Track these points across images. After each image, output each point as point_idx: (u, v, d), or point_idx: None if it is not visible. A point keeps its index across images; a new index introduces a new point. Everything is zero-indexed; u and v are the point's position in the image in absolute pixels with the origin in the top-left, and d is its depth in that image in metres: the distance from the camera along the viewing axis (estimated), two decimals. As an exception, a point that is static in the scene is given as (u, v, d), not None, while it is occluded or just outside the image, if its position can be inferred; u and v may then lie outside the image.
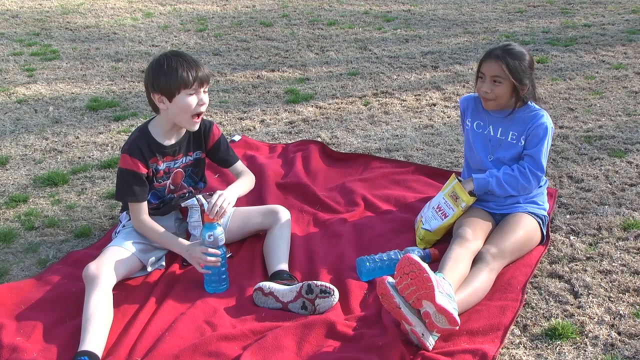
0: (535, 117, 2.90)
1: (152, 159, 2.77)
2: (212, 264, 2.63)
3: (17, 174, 3.84)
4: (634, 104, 4.77)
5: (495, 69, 2.83)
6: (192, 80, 2.66)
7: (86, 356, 2.23)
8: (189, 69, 2.65)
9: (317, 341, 2.38)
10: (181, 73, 2.64)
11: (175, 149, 2.83)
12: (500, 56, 2.83)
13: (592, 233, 3.11)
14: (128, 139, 2.82)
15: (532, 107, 2.94)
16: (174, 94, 2.66)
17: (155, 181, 2.81)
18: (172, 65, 2.64)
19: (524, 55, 2.87)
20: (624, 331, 2.45)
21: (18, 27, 7.33)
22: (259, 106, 4.93)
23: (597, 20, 7.46)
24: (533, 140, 2.89)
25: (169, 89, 2.65)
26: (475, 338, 2.39)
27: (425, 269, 2.29)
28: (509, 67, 2.81)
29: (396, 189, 3.55)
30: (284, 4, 8.66)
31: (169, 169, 2.84)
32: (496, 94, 2.86)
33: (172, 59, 2.67)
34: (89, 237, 3.17)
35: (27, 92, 5.24)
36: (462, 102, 3.15)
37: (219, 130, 2.96)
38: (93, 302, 2.40)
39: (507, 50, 2.86)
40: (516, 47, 2.89)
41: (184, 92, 2.66)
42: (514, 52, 2.85)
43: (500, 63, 2.82)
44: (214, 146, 2.94)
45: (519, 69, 2.82)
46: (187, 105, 2.68)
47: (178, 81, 2.64)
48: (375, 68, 5.81)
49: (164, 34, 7.09)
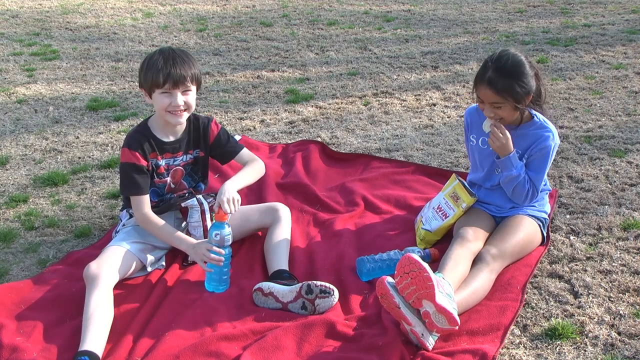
0: (539, 137, 2.78)
1: (152, 154, 2.78)
2: (215, 262, 2.62)
3: (17, 174, 3.84)
4: (634, 104, 4.77)
5: (490, 96, 2.70)
6: (162, 81, 2.66)
7: (86, 356, 2.23)
8: (164, 69, 2.64)
9: (317, 341, 2.38)
10: (156, 72, 2.65)
11: (175, 146, 2.84)
12: (493, 81, 2.65)
13: (592, 233, 3.11)
14: (127, 134, 2.83)
15: (537, 122, 2.81)
16: (151, 92, 2.71)
17: (155, 177, 2.81)
18: (153, 63, 2.67)
19: (519, 65, 2.68)
20: (624, 331, 2.45)
21: (18, 27, 7.33)
22: (259, 106, 4.93)
23: (597, 20, 7.46)
24: (535, 161, 2.81)
25: (146, 86, 2.72)
26: (475, 338, 2.39)
27: (425, 268, 2.29)
28: (504, 91, 2.66)
29: (396, 189, 3.55)
30: (284, 4, 8.66)
31: (168, 165, 2.85)
32: (500, 115, 2.75)
33: (158, 56, 2.69)
34: (89, 237, 3.17)
35: (27, 92, 5.24)
36: (466, 115, 3.03)
37: (218, 125, 2.96)
38: (94, 302, 2.40)
39: (499, 69, 2.66)
40: (510, 58, 2.68)
41: (157, 91, 2.69)
42: (507, 69, 2.67)
43: (493, 90, 2.67)
44: (215, 141, 2.94)
45: (517, 86, 2.66)
46: (162, 105, 2.70)
47: (151, 81, 2.67)
48: (375, 68, 5.81)
49: (164, 34, 7.09)
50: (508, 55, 2.71)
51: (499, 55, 2.72)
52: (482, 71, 2.73)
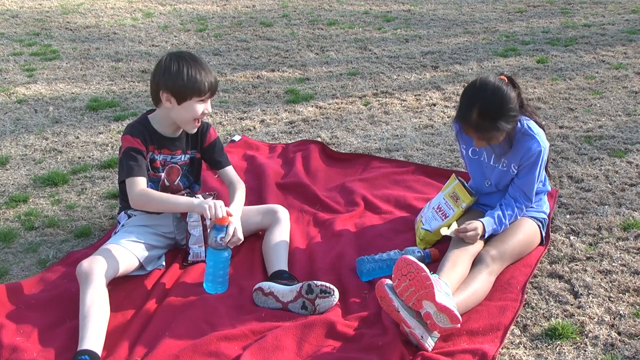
0: (526, 146, 2.73)
1: (150, 147, 2.80)
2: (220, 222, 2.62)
3: (17, 174, 3.84)
4: (634, 104, 4.77)
5: (478, 137, 2.68)
6: (206, 90, 2.70)
7: (87, 355, 2.22)
8: (206, 79, 2.70)
9: (317, 341, 2.38)
10: (199, 82, 2.68)
11: (174, 144, 2.86)
12: (479, 126, 2.60)
13: (592, 233, 3.11)
14: (128, 124, 2.85)
15: (523, 129, 2.74)
16: (185, 99, 2.70)
17: (150, 169, 2.82)
18: (191, 73, 2.67)
19: (503, 103, 2.58)
20: (624, 331, 2.45)
21: (18, 27, 7.33)
22: (259, 106, 4.93)
23: (597, 20, 7.46)
24: (524, 169, 2.79)
25: (182, 94, 2.69)
26: (475, 338, 2.39)
27: (423, 268, 2.29)
28: (493, 130, 2.60)
29: (396, 189, 3.55)
30: (284, 4, 8.66)
31: (165, 161, 2.86)
32: (491, 143, 2.71)
33: (191, 64, 2.69)
34: (89, 237, 3.17)
35: (27, 92, 5.24)
36: (455, 124, 2.92)
37: (216, 133, 3.01)
38: (88, 300, 2.39)
39: (483, 113, 2.57)
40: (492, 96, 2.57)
41: (194, 99, 2.70)
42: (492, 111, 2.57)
43: (480, 134, 2.64)
44: (209, 146, 2.97)
45: (503, 123, 2.59)
46: (194, 112, 2.73)
47: (193, 89, 2.68)
48: (375, 68, 5.81)
49: (164, 34, 7.09)
50: (487, 91, 2.59)
51: (479, 94, 2.61)
52: (465, 111, 2.63)
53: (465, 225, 2.72)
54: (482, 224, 2.74)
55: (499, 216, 2.79)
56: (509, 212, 2.81)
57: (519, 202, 2.83)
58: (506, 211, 2.80)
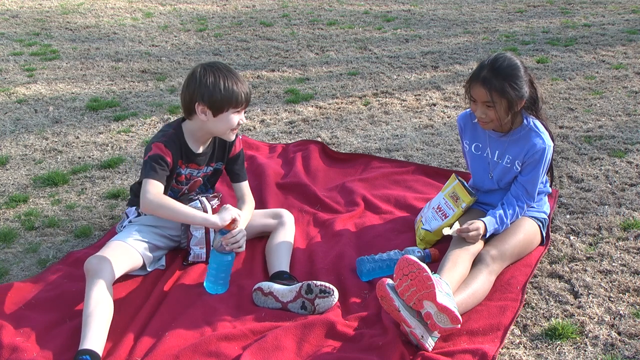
0: (531, 142, 2.76)
1: (179, 161, 2.78)
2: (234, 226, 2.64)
3: (17, 174, 3.84)
4: (634, 104, 4.77)
5: (483, 94, 2.67)
6: (243, 101, 2.71)
7: (88, 355, 2.22)
8: (242, 89, 2.69)
9: (317, 341, 2.38)
10: (236, 94, 2.67)
11: (202, 159, 2.85)
12: (487, 80, 2.65)
13: (592, 233, 3.11)
14: (161, 132, 2.78)
15: (529, 126, 2.79)
16: (222, 111, 2.69)
17: (173, 181, 2.82)
18: (228, 85, 2.66)
19: (514, 68, 2.68)
20: (624, 331, 2.45)
21: (18, 27, 7.33)
22: (259, 106, 4.93)
23: (597, 20, 7.47)
24: (527, 167, 2.80)
25: (219, 106, 2.68)
26: (475, 338, 2.39)
27: (424, 268, 2.29)
28: (498, 91, 2.64)
29: (396, 189, 3.55)
30: (284, 4, 8.66)
31: (191, 175, 2.86)
32: (491, 117, 2.73)
33: (227, 76, 2.68)
34: (89, 237, 3.17)
35: (27, 92, 5.24)
36: (459, 120, 3.03)
37: (241, 145, 2.99)
38: (94, 299, 2.39)
39: (494, 69, 2.66)
40: (506, 60, 2.69)
41: (231, 111, 2.70)
42: (503, 70, 2.66)
43: (486, 89, 2.65)
44: (233, 157, 2.96)
45: (510, 87, 2.65)
46: (230, 123, 2.73)
47: (230, 101, 2.67)
48: (375, 68, 5.81)
49: (164, 34, 7.09)
50: (504, 57, 2.71)
51: (495, 57, 2.72)
52: (477, 71, 2.72)
53: (467, 225, 2.72)
54: (484, 224, 2.74)
55: (500, 215, 2.79)
56: (510, 211, 2.81)
57: (521, 201, 2.83)
58: (507, 210, 2.81)
